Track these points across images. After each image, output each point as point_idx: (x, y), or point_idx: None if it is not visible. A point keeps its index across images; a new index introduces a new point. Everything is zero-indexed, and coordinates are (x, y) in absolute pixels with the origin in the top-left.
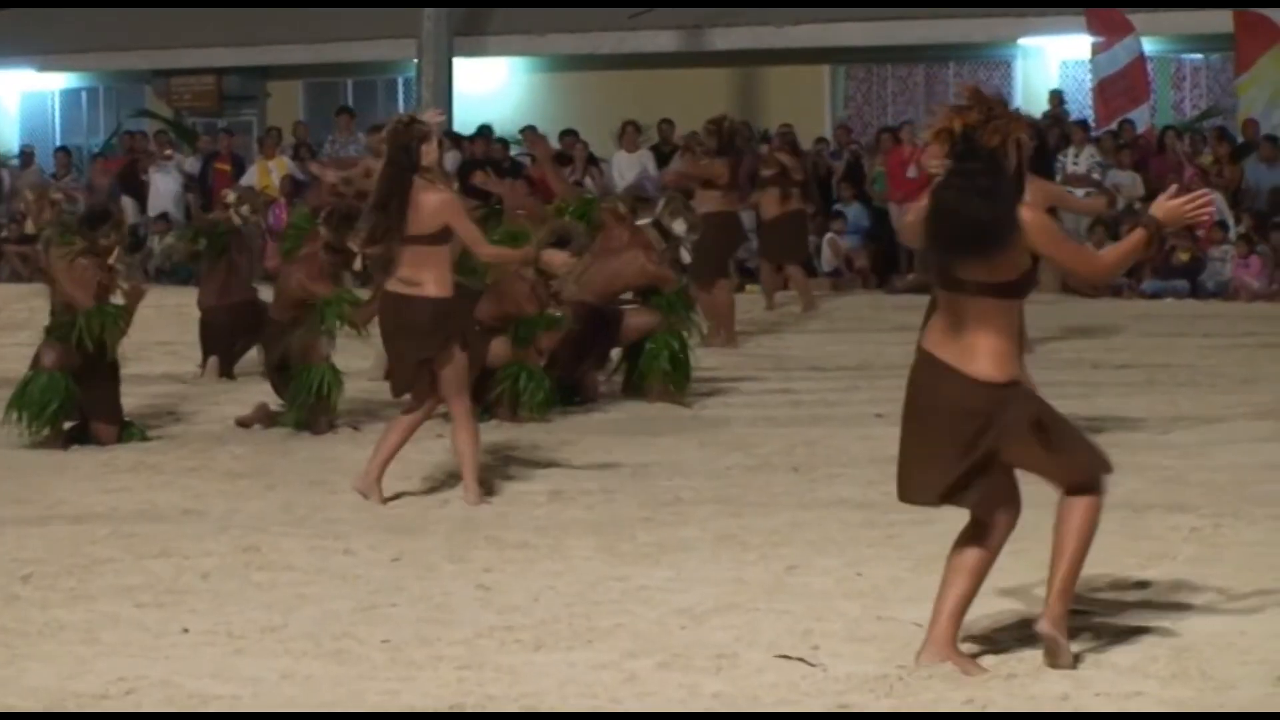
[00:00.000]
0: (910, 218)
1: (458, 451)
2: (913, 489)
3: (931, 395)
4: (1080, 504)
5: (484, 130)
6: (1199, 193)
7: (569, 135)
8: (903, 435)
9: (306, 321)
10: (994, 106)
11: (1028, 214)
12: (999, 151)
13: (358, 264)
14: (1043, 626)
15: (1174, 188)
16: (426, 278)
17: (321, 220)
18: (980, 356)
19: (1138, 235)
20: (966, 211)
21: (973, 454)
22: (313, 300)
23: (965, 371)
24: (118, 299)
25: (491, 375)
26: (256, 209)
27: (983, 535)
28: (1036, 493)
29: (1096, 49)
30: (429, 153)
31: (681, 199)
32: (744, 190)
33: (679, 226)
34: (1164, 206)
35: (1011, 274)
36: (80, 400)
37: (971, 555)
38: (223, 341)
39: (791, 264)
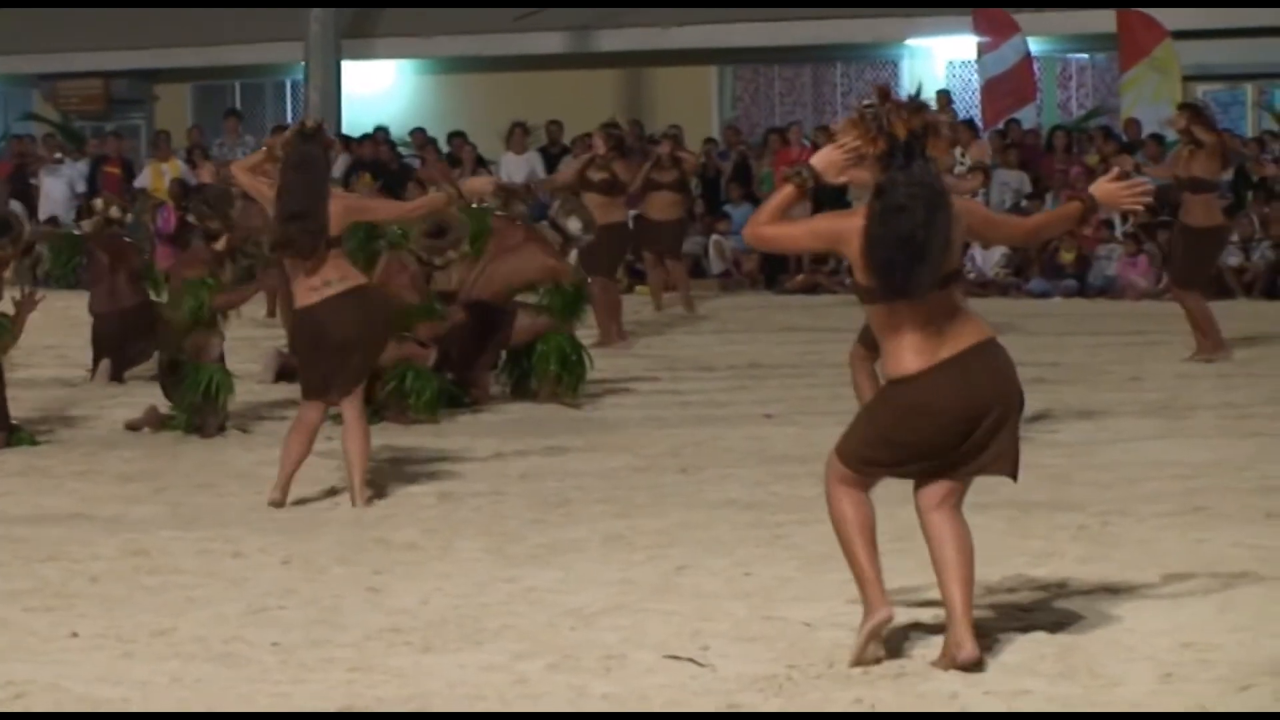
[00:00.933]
0: (800, 228)
1: (348, 453)
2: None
3: (1006, 373)
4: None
5: (380, 131)
6: (1137, 179)
7: (457, 137)
8: (998, 426)
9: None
10: (929, 115)
11: (960, 204)
12: (933, 158)
13: (220, 244)
14: (974, 654)
15: (1115, 170)
16: (349, 273)
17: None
18: (980, 322)
19: (1072, 206)
20: (917, 222)
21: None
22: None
23: (986, 337)
24: (5, 307)
25: (378, 376)
26: (142, 211)
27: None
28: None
29: (983, 49)
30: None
31: (576, 199)
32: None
33: (574, 225)
34: (1103, 187)
35: (960, 260)
36: None
37: (871, 510)
38: (114, 345)
39: (674, 259)
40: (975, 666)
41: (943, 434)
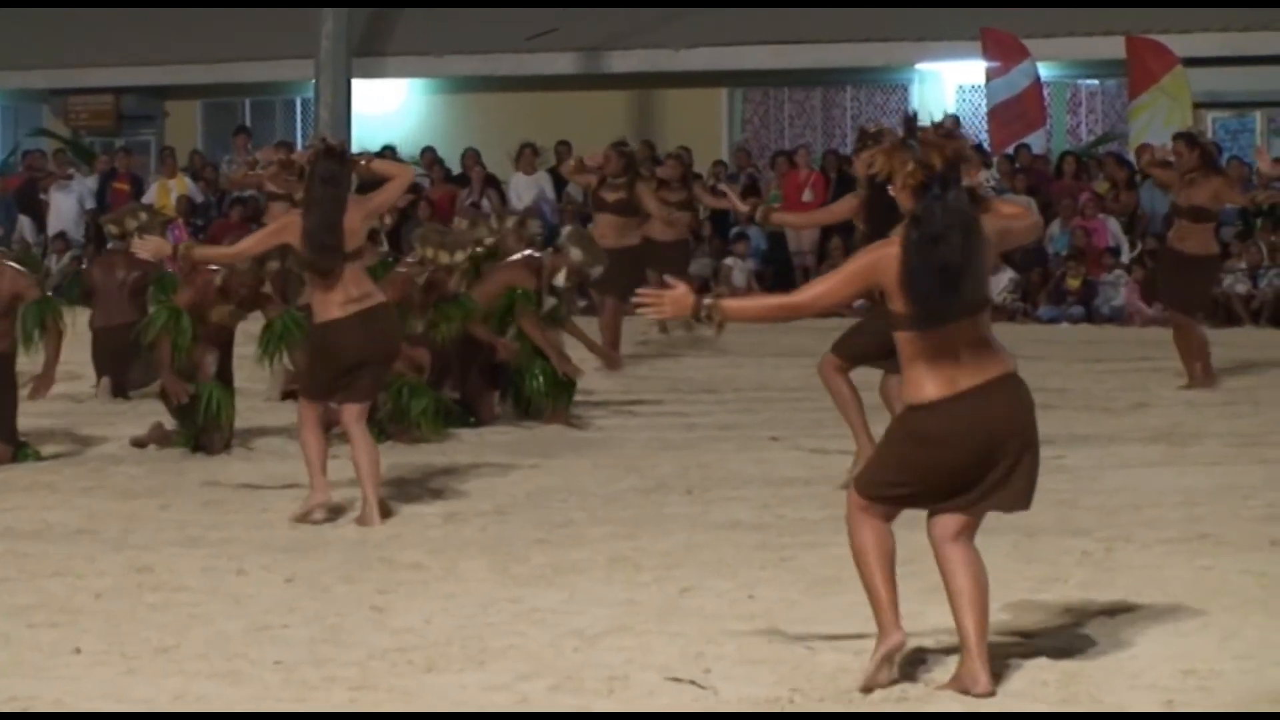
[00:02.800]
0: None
1: (360, 467)
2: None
3: (1026, 408)
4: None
5: (387, 150)
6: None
7: (470, 153)
8: (1016, 461)
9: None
10: (960, 142)
11: (985, 224)
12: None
13: (218, 280)
14: (987, 687)
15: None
16: (370, 289)
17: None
18: (1006, 355)
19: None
20: (954, 249)
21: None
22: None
23: (1010, 371)
24: None
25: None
26: (150, 228)
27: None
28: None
29: (991, 74)
30: None
31: (586, 231)
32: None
33: (575, 254)
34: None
35: (989, 288)
36: None
37: (892, 540)
38: (114, 361)
39: (682, 280)
40: (988, 699)
41: (958, 464)
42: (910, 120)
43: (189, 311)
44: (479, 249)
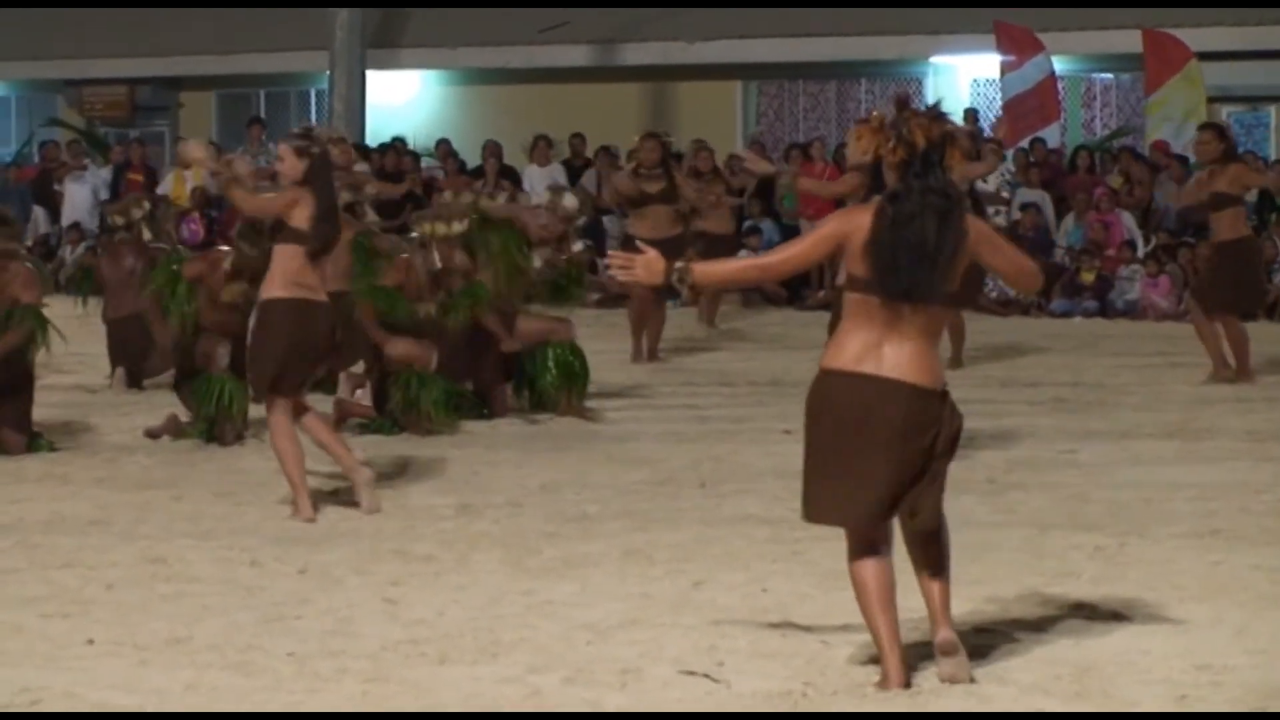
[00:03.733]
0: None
1: (325, 444)
2: (859, 510)
3: (884, 414)
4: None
5: (398, 141)
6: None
7: (491, 144)
8: (839, 458)
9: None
10: (949, 125)
11: (968, 221)
12: (949, 171)
13: (227, 264)
14: (947, 635)
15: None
16: (316, 285)
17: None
18: (933, 366)
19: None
20: (929, 232)
21: (927, 464)
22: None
23: (922, 384)
24: None
25: (384, 377)
26: (165, 219)
27: (885, 549)
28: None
29: (1006, 68)
30: None
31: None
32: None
33: (569, 201)
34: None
35: (958, 283)
36: None
37: (890, 574)
38: (129, 352)
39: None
40: (950, 648)
41: (838, 438)
42: (903, 101)
43: (196, 285)
44: (475, 214)
